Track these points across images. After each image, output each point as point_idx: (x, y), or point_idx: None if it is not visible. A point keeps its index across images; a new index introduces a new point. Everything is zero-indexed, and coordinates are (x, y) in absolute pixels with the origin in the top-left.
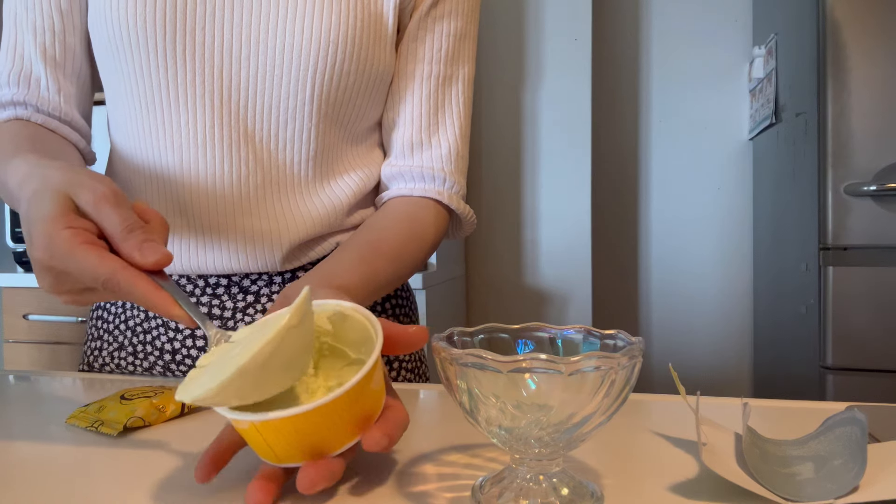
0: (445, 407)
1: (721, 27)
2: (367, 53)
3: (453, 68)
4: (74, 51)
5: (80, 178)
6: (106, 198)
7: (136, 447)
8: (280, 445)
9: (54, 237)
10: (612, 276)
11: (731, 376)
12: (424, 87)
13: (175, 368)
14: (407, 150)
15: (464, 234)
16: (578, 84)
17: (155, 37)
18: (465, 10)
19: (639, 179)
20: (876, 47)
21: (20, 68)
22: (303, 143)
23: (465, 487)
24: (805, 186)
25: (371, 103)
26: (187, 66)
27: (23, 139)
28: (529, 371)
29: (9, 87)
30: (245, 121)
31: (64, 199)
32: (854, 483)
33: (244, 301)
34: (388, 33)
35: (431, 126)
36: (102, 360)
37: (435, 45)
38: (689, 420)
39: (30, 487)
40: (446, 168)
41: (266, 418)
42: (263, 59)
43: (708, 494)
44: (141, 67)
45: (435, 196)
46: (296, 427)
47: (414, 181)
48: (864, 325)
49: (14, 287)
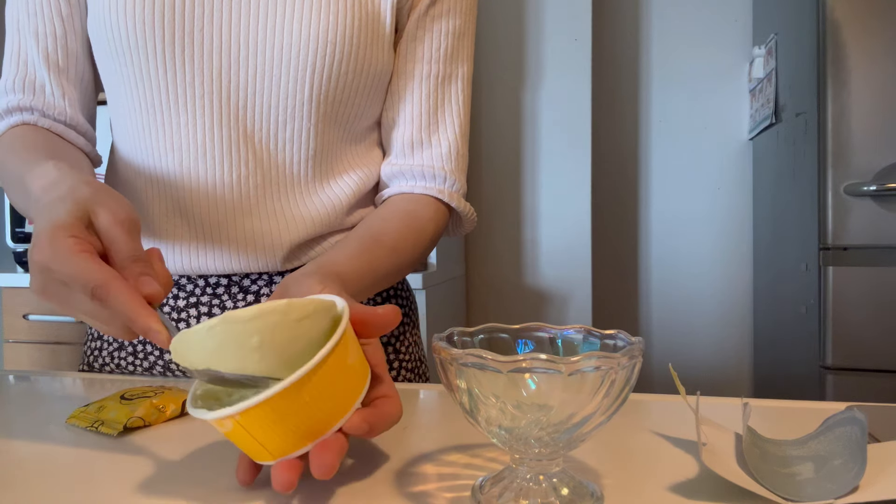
0: (445, 407)
1: (721, 27)
2: (365, 53)
3: (452, 67)
4: (77, 55)
5: (104, 198)
6: (122, 223)
7: (136, 447)
8: (268, 436)
9: (58, 241)
10: (612, 276)
11: (731, 376)
12: (424, 87)
13: (175, 368)
14: (407, 149)
15: (464, 232)
16: (578, 84)
17: (154, 39)
18: (464, 9)
19: (639, 179)
20: (876, 47)
21: (24, 74)
22: (302, 143)
23: (465, 487)
24: (805, 186)
25: (369, 102)
26: (186, 68)
27: (39, 144)
28: (529, 371)
29: (14, 93)
30: (244, 121)
31: (80, 212)
32: (854, 483)
33: (244, 301)
34: (386, 33)
35: (431, 125)
36: (102, 360)
37: (434, 45)
38: (689, 420)
39: (30, 487)
40: (447, 167)
41: (244, 407)
42: (262, 60)
43: (708, 494)
44: (140, 70)
45: (436, 194)
46: (277, 411)
47: (415, 179)
48: (864, 325)
49: (14, 287)
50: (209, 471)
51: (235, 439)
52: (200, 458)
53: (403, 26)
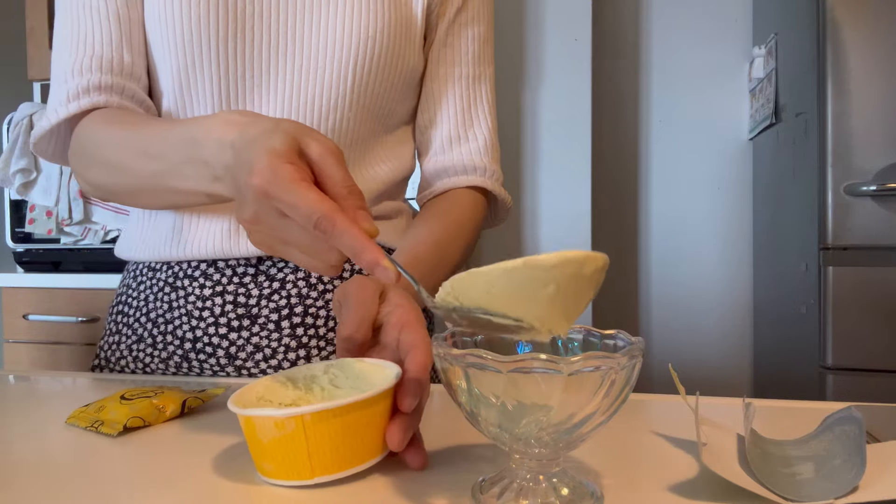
0: (445, 407)
1: (721, 27)
2: (399, 49)
3: (481, 68)
4: (139, 51)
5: (309, 130)
6: (333, 153)
7: (136, 447)
8: (321, 446)
9: (279, 168)
10: (612, 276)
11: (731, 376)
12: (457, 87)
13: (194, 357)
14: (446, 145)
15: (500, 221)
16: (578, 84)
17: (208, 34)
18: (486, 16)
19: (639, 179)
20: (876, 47)
21: (101, 55)
22: (341, 133)
23: (465, 487)
24: (805, 186)
25: (401, 98)
26: (237, 63)
27: (153, 117)
28: (529, 371)
29: (92, 72)
30: (289, 113)
31: (293, 141)
32: (854, 483)
33: (270, 288)
34: (417, 33)
35: (466, 121)
36: (120, 352)
37: (463, 49)
38: (689, 420)
39: (30, 487)
40: (484, 159)
41: (317, 409)
42: (308, 55)
43: (708, 494)
44: (193, 63)
45: (480, 184)
46: (343, 422)
47: (458, 174)
48: (864, 325)
49: (14, 287)
50: (209, 471)
51: (281, 447)
52: (200, 458)
53: (432, 33)
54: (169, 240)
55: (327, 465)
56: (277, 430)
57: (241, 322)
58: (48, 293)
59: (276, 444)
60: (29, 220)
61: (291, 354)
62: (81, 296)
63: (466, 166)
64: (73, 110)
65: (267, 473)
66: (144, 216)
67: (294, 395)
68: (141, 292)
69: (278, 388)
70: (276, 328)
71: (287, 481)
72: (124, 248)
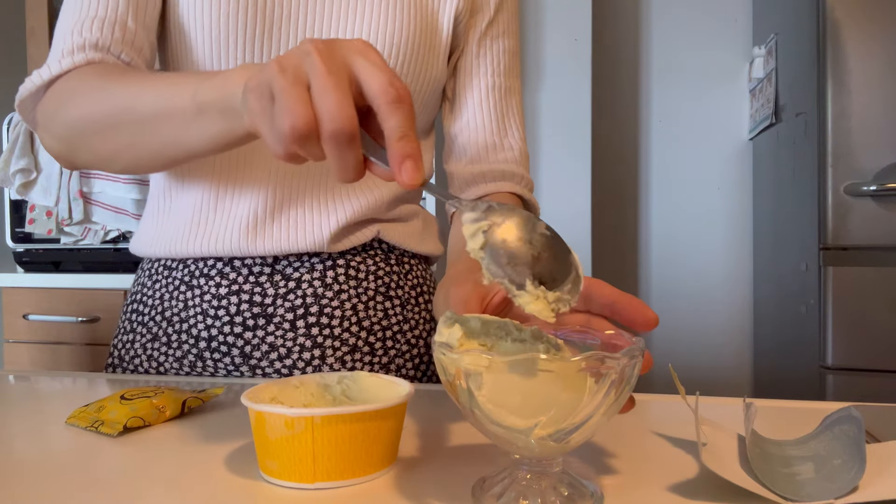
0: (445, 407)
1: (721, 27)
2: (424, 57)
3: (511, 80)
4: (144, 23)
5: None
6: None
7: (136, 447)
8: (327, 451)
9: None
10: (612, 277)
11: (731, 376)
12: (491, 97)
13: (209, 356)
14: (482, 152)
15: None
16: (578, 84)
17: (236, 34)
18: (514, 30)
19: (639, 179)
20: (876, 47)
21: (113, 19)
22: None
23: (466, 487)
24: (805, 186)
25: (424, 107)
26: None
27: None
28: (529, 371)
29: (92, 32)
30: None
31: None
32: (854, 483)
33: (285, 287)
34: (443, 43)
35: (501, 130)
36: (134, 351)
37: (495, 61)
38: (689, 420)
39: (30, 487)
40: (519, 168)
41: (328, 413)
42: None
43: (708, 494)
44: (220, 62)
45: (516, 192)
46: (352, 429)
47: (495, 181)
48: (864, 325)
49: (14, 287)
50: (209, 471)
51: (287, 447)
52: (200, 458)
53: (460, 44)
54: (186, 235)
55: (330, 471)
56: (287, 428)
57: (256, 321)
58: (48, 293)
59: (283, 442)
60: (29, 220)
61: (306, 354)
62: (81, 296)
63: (505, 173)
64: (67, 66)
65: (269, 472)
66: (161, 211)
67: (305, 401)
68: (156, 291)
69: (291, 391)
70: (291, 328)
71: (288, 482)
72: (139, 245)
